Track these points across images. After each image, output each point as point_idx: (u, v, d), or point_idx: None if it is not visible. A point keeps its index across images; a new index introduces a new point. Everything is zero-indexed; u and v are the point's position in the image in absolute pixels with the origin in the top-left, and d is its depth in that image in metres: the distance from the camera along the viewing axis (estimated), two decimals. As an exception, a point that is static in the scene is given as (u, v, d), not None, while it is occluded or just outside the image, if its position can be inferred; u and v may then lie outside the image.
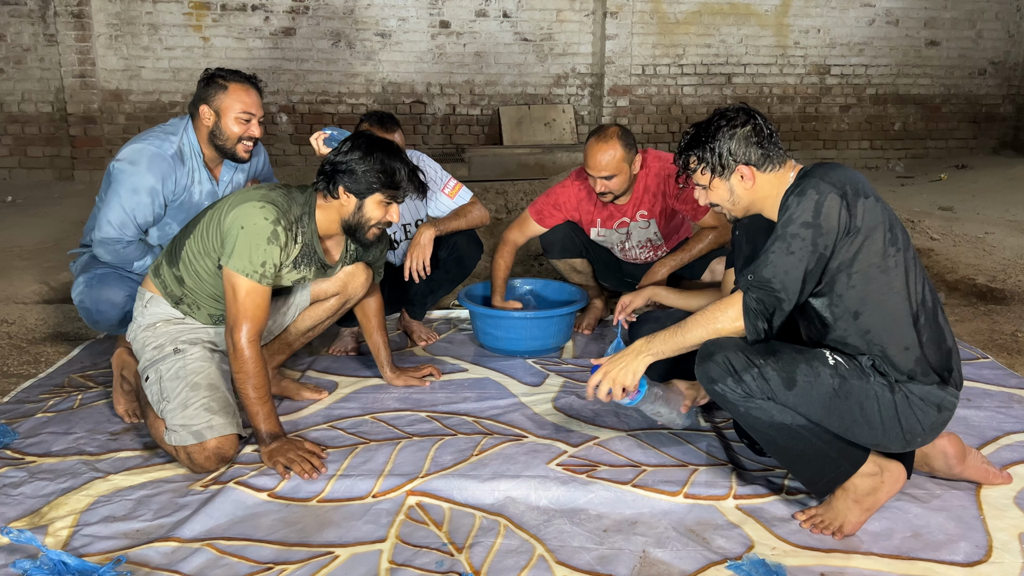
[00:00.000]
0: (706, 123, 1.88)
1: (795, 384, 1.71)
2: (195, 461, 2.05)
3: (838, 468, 1.78)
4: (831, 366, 1.72)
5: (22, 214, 5.51)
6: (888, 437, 1.74)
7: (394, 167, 2.16)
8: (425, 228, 2.86)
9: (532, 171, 6.43)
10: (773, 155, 1.83)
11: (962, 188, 6.52)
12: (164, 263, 2.26)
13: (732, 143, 1.82)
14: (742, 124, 1.83)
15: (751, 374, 1.72)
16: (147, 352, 2.22)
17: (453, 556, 1.73)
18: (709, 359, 1.77)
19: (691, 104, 7.67)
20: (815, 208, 1.68)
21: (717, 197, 1.89)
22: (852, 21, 7.74)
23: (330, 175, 2.17)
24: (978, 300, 3.66)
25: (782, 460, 1.84)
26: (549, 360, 2.92)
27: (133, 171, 2.51)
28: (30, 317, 3.35)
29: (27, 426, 2.35)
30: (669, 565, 1.70)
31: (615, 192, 2.88)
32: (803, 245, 1.68)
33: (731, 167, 1.83)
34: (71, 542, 1.78)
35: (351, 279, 2.43)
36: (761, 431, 1.78)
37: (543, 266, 4.18)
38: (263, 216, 2.07)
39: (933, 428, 1.76)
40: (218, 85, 2.56)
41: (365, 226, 2.21)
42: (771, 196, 1.84)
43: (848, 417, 1.72)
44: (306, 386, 2.58)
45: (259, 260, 2.07)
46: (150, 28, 6.75)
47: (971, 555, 1.72)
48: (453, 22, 7.19)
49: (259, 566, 1.70)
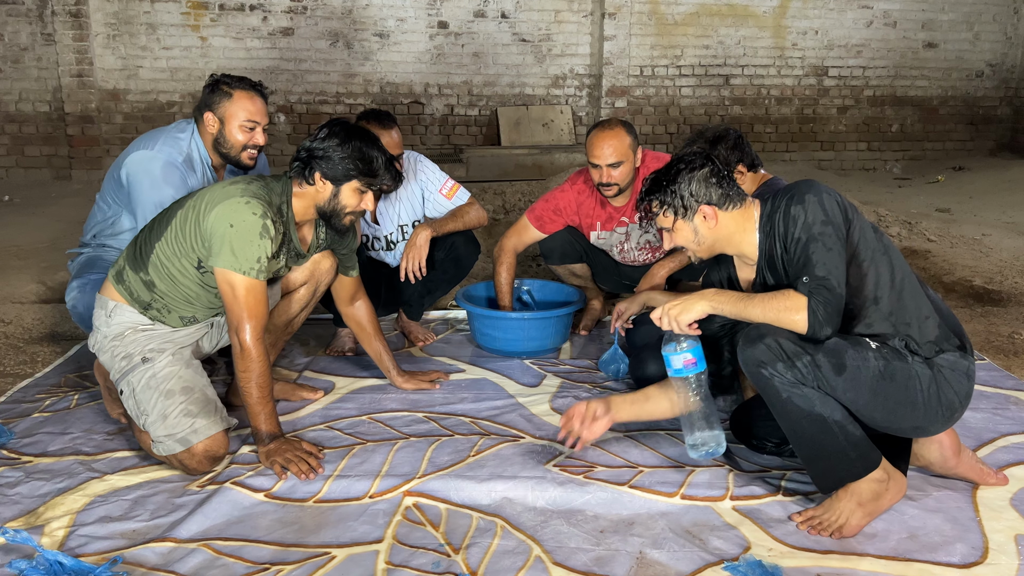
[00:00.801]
0: (665, 169, 1.96)
1: (845, 369, 1.74)
2: (188, 466, 2.04)
3: (851, 469, 1.79)
4: (874, 349, 1.77)
5: (19, 214, 5.50)
6: (929, 416, 1.80)
7: (371, 155, 2.14)
8: (421, 229, 2.85)
9: (530, 172, 6.43)
10: (733, 194, 1.92)
11: (959, 190, 6.53)
12: (127, 268, 2.18)
13: (692, 185, 1.90)
14: (700, 167, 1.92)
15: (803, 360, 1.73)
16: (116, 363, 2.16)
17: (450, 557, 1.73)
18: (759, 341, 1.76)
19: (689, 105, 7.67)
20: (821, 208, 1.78)
21: (682, 239, 1.95)
22: (850, 23, 7.75)
23: (306, 161, 2.14)
24: (975, 302, 3.67)
25: (802, 450, 1.84)
26: (546, 361, 2.92)
27: (151, 186, 2.50)
28: (27, 317, 3.34)
29: (23, 426, 2.34)
30: (666, 566, 1.70)
31: (620, 184, 2.86)
32: (835, 240, 1.77)
33: (693, 208, 1.90)
34: (67, 542, 1.77)
35: (317, 265, 2.37)
36: (794, 420, 1.78)
37: (540, 267, 4.18)
38: (251, 212, 2.04)
39: (966, 397, 1.82)
40: (223, 92, 2.54)
41: (340, 213, 2.18)
42: (736, 233, 1.92)
43: (894, 399, 1.76)
44: (302, 387, 2.57)
45: (254, 256, 2.05)
46: (148, 28, 6.74)
47: (967, 556, 1.73)
48: (451, 22, 7.19)
49: (256, 566, 1.69)
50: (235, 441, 2.26)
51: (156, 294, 2.17)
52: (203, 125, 2.58)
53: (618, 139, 2.79)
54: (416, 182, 2.97)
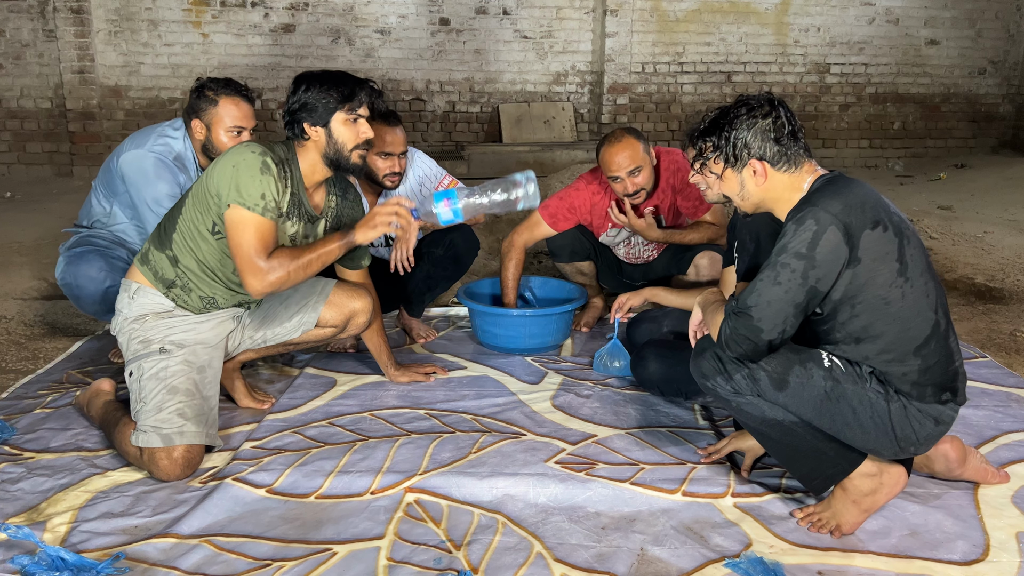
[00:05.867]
0: (728, 108, 1.78)
1: (787, 385, 1.69)
2: (159, 466, 2.00)
3: (835, 466, 1.77)
4: (826, 368, 1.69)
5: (21, 210, 5.50)
6: (880, 443, 1.71)
7: (341, 83, 2.17)
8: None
9: (531, 169, 6.42)
10: (791, 154, 1.73)
11: (961, 187, 6.52)
12: (152, 249, 2.22)
13: (748, 135, 1.73)
14: (763, 116, 1.73)
15: (741, 374, 1.72)
16: (133, 345, 2.18)
17: (451, 553, 1.73)
18: (702, 354, 1.79)
19: (691, 102, 7.66)
20: (811, 240, 1.61)
21: (728, 189, 1.80)
22: (852, 20, 7.74)
23: (292, 121, 2.18)
24: (976, 299, 3.67)
25: (778, 456, 1.84)
26: (548, 358, 2.92)
27: (146, 183, 2.57)
28: (28, 313, 3.35)
29: (25, 422, 2.35)
30: (667, 563, 1.70)
31: (646, 187, 2.88)
32: (792, 277, 1.61)
33: (744, 160, 1.74)
34: (69, 538, 1.78)
35: (354, 318, 2.43)
36: (754, 427, 1.79)
37: (542, 263, 4.18)
38: (250, 151, 2.07)
39: (928, 439, 1.72)
40: (207, 99, 2.56)
41: (343, 151, 2.17)
42: (782, 199, 1.76)
43: (839, 420, 1.70)
44: (255, 393, 2.51)
45: (257, 192, 2.04)
46: (149, 24, 6.74)
47: (968, 554, 1.73)
48: (453, 19, 7.18)
49: (257, 563, 1.70)
50: (237, 437, 2.27)
51: (180, 269, 2.19)
52: (191, 130, 2.61)
53: (630, 148, 2.81)
54: (415, 178, 2.97)
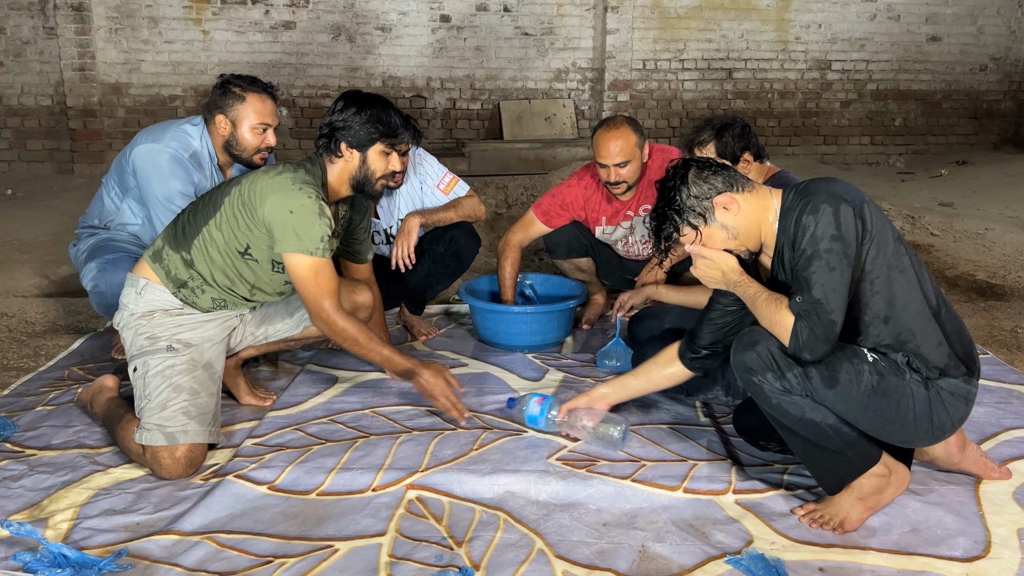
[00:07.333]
0: (658, 200, 1.83)
1: (838, 383, 1.70)
2: (162, 464, 2.01)
3: (851, 467, 1.79)
4: (871, 363, 1.72)
5: (22, 207, 5.51)
6: (918, 434, 1.76)
7: (389, 116, 2.22)
8: (411, 216, 2.85)
9: (532, 166, 6.42)
10: (735, 176, 1.81)
11: (962, 184, 6.51)
12: (167, 247, 2.21)
13: (692, 189, 1.78)
14: (685, 172, 1.80)
15: (794, 372, 1.71)
16: (139, 341, 2.18)
17: (453, 550, 1.74)
18: (751, 348, 1.75)
19: (692, 99, 7.66)
20: (834, 220, 1.65)
21: (719, 243, 1.80)
22: (853, 16, 7.73)
23: (330, 136, 2.21)
24: (978, 296, 3.67)
25: (800, 454, 1.84)
26: (549, 355, 2.92)
27: (159, 179, 2.56)
28: (30, 310, 3.35)
29: (27, 419, 2.35)
30: (668, 559, 1.70)
31: (628, 181, 2.86)
32: (840, 259, 1.65)
33: (708, 207, 1.77)
34: (71, 535, 1.78)
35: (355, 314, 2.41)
36: (787, 425, 1.78)
37: (543, 261, 4.18)
38: (306, 196, 2.10)
39: (960, 421, 1.78)
40: (234, 95, 2.55)
41: (372, 179, 2.26)
42: (762, 218, 1.78)
43: (883, 415, 1.72)
44: (256, 390, 2.52)
45: (317, 236, 2.11)
46: (150, 21, 6.73)
47: (970, 550, 1.73)
48: (454, 16, 7.18)
49: (259, 559, 1.70)
50: (239, 434, 2.27)
51: (194, 271, 2.20)
52: (214, 126, 2.59)
53: (624, 138, 2.79)
54: (416, 176, 2.97)
